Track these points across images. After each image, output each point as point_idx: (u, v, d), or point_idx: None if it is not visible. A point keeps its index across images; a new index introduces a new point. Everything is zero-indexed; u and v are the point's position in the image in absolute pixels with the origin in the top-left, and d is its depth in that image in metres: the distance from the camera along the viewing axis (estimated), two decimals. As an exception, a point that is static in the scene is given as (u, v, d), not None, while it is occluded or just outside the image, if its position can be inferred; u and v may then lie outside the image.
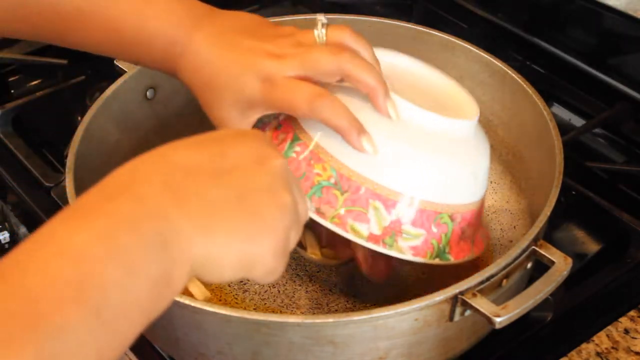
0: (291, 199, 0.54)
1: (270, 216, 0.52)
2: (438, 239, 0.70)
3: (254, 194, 0.52)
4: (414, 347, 0.72)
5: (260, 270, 0.53)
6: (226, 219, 0.50)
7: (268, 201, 0.53)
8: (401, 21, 1.03)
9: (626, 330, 0.83)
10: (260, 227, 0.52)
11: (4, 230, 1.06)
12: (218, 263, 0.50)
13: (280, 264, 0.55)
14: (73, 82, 1.19)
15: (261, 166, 0.54)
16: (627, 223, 0.94)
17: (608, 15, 1.11)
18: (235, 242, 0.51)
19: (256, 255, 0.52)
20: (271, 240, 0.53)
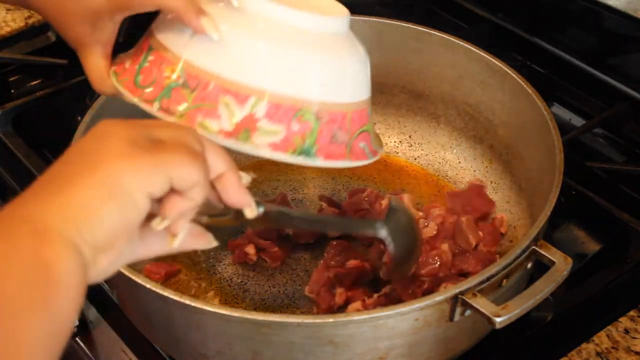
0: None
1: (98, 148, 0.53)
2: (301, 136, 0.67)
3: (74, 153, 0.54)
4: (414, 347, 0.72)
5: (142, 182, 0.51)
6: (59, 175, 0.52)
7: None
8: (401, 21, 1.03)
9: (626, 330, 0.83)
10: (94, 159, 0.52)
11: (4, 230, 1.06)
12: (84, 209, 0.50)
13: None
14: (73, 82, 1.19)
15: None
16: (627, 223, 0.94)
17: (608, 15, 1.11)
18: (79, 183, 0.51)
19: (112, 175, 0.51)
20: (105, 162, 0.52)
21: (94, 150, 0.52)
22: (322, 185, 1.03)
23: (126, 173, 0.51)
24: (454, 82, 1.02)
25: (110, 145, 0.52)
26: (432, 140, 1.06)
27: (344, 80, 0.70)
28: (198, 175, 0.54)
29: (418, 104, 1.06)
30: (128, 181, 0.51)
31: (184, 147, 0.54)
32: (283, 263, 0.93)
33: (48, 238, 0.48)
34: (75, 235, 0.49)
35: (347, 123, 0.70)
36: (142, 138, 0.53)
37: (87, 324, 0.91)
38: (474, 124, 1.02)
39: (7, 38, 1.27)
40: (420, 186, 1.03)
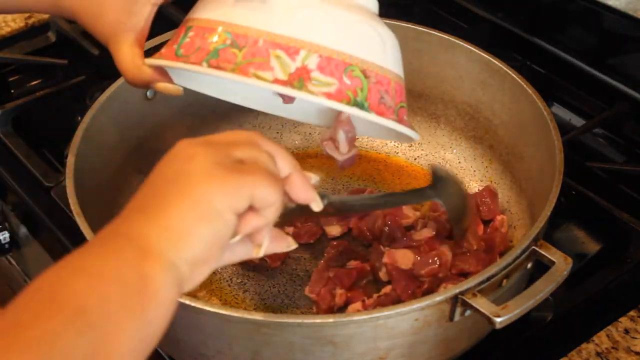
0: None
1: (187, 171, 0.57)
2: (353, 90, 0.69)
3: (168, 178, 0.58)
4: (414, 347, 0.72)
5: (228, 202, 0.55)
6: (153, 199, 0.56)
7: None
8: (401, 21, 1.03)
9: (626, 330, 0.83)
10: (184, 182, 0.56)
11: (4, 230, 1.06)
12: (181, 231, 0.54)
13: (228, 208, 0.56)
14: (73, 82, 1.19)
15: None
16: (627, 223, 0.94)
17: (608, 15, 1.11)
18: (174, 206, 0.55)
19: (203, 198, 0.55)
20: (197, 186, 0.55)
21: (184, 173, 0.56)
22: (322, 185, 1.03)
23: (216, 194, 0.55)
24: (454, 82, 1.02)
25: (198, 168, 0.56)
26: (432, 140, 1.06)
27: (385, 48, 0.73)
28: (275, 196, 0.58)
29: (418, 104, 1.06)
30: (218, 202, 0.55)
31: (263, 169, 0.58)
32: (283, 263, 0.93)
33: (149, 256, 0.53)
34: (174, 255, 0.54)
35: (392, 90, 0.72)
36: (224, 159, 0.57)
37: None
38: (474, 124, 1.02)
39: (7, 38, 1.27)
40: (420, 186, 1.03)
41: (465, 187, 0.86)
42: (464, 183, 0.87)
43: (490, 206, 0.95)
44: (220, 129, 1.06)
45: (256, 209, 0.58)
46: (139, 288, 0.52)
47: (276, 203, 0.58)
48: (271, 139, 0.64)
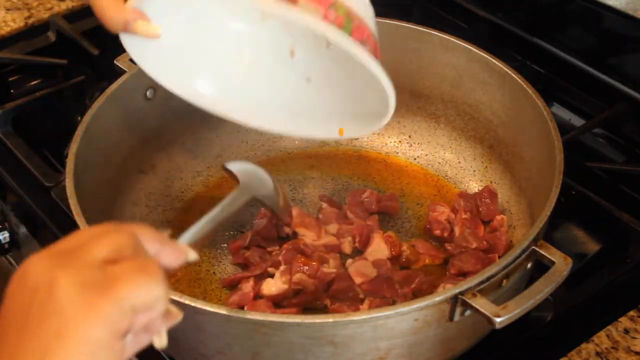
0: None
1: (50, 306, 0.49)
2: (338, 23, 0.70)
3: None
4: (414, 347, 0.72)
5: (113, 327, 0.49)
6: (24, 344, 0.48)
7: None
8: (401, 21, 1.03)
9: (626, 330, 0.83)
10: (52, 321, 0.48)
11: (4, 230, 1.06)
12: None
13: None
14: (73, 82, 1.19)
15: None
16: (627, 223, 0.94)
17: (608, 15, 1.11)
18: (51, 350, 0.47)
19: (86, 334, 0.48)
20: None
21: (50, 308, 0.48)
22: (322, 185, 1.03)
23: (96, 327, 0.48)
24: (454, 82, 1.02)
25: (64, 300, 0.48)
26: (432, 140, 1.06)
27: (368, 10, 0.75)
28: (157, 291, 0.51)
29: (418, 104, 1.06)
30: (101, 334, 0.48)
31: (132, 266, 0.51)
32: (283, 263, 0.93)
33: None
34: None
35: (372, 44, 0.74)
36: (88, 274, 0.49)
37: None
38: (474, 124, 1.02)
39: (7, 38, 1.27)
40: (420, 186, 1.03)
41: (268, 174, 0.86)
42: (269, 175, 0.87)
43: (490, 206, 0.95)
44: (220, 129, 1.06)
45: (143, 311, 0.51)
46: None
47: (161, 296, 0.52)
48: (124, 223, 0.57)
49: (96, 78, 1.18)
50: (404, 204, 1.00)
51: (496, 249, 0.90)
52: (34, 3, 1.33)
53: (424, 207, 0.99)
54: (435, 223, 0.95)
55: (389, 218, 0.98)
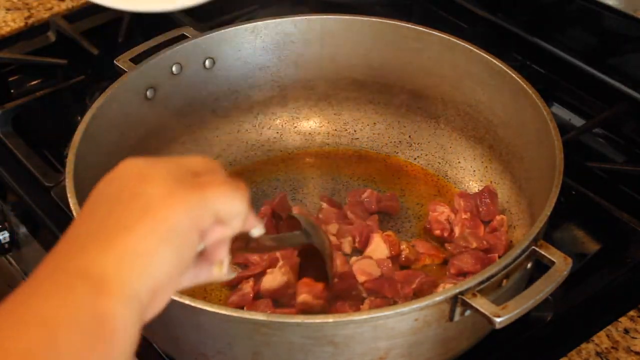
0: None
1: (143, 190, 0.52)
2: None
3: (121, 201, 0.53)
4: (414, 347, 0.72)
5: (191, 220, 0.52)
6: (108, 223, 0.51)
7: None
8: (401, 21, 1.03)
9: (626, 330, 0.83)
10: (142, 202, 0.52)
11: (4, 230, 1.06)
12: (144, 255, 0.50)
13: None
14: (73, 82, 1.19)
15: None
16: (627, 223, 0.94)
17: (608, 15, 1.11)
18: (134, 229, 0.50)
19: (165, 218, 0.51)
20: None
21: (140, 194, 0.52)
22: (322, 185, 1.03)
23: (178, 215, 0.51)
24: (454, 82, 1.02)
25: (155, 187, 0.52)
26: (432, 140, 1.06)
27: None
28: (240, 206, 0.55)
29: (418, 104, 1.06)
30: (181, 222, 0.51)
31: (223, 179, 0.55)
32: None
33: (105, 291, 0.48)
34: (135, 282, 0.49)
35: None
36: (181, 175, 0.53)
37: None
38: (474, 124, 1.02)
39: (7, 38, 1.27)
40: (420, 186, 1.03)
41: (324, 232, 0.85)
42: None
43: (490, 206, 0.95)
44: (220, 129, 1.06)
45: (222, 222, 0.54)
46: (95, 330, 0.47)
47: (242, 212, 0.55)
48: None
49: (96, 78, 1.18)
50: (404, 204, 1.00)
51: (496, 249, 0.90)
52: (34, 3, 1.33)
53: (424, 207, 0.99)
54: (435, 223, 0.95)
55: (389, 218, 0.98)
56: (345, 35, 1.04)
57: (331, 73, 1.07)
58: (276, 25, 1.04)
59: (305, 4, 1.34)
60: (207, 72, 1.02)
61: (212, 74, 1.03)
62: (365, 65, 1.06)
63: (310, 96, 1.09)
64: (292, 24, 1.04)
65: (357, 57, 1.06)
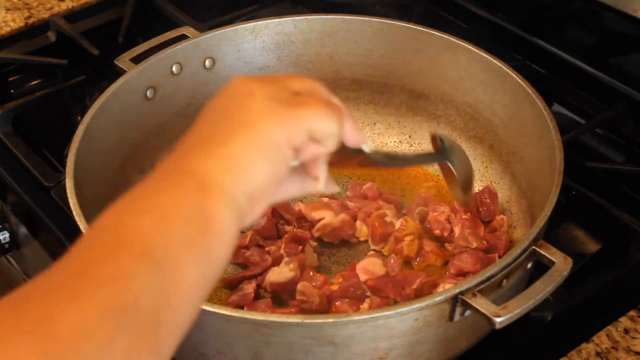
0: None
1: (245, 106, 0.58)
2: None
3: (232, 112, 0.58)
4: (414, 347, 0.72)
5: (286, 135, 0.56)
6: (213, 133, 0.57)
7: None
8: (401, 21, 1.03)
9: (626, 330, 0.83)
10: (243, 117, 0.57)
11: (4, 230, 1.06)
12: (241, 164, 0.55)
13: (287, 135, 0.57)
14: (73, 82, 1.19)
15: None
16: (627, 223, 0.94)
17: (608, 15, 1.11)
18: (234, 140, 0.56)
19: (262, 132, 0.56)
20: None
21: (243, 108, 0.57)
22: (322, 185, 1.03)
23: (275, 129, 0.56)
24: (454, 82, 1.02)
25: (256, 104, 0.57)
26: (432, 140, 1.06)
27: None
28: (334, 127, 0.59)
29: (418, 104, 1.06)
30: (277, 136, 0.56)
31: (320, 100, 0.59)
32: (283, 263, 0.93)
33: (211, 191, 0.53)
34: (234, 187, 0.54)
35: None
36: (282, 93, 0.58)
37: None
38: (474, 124, 1.02)
39: (7, 38, 1.27)
40: (420, 186, 1.03)
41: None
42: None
43: (490, 206, 0.95)
44: (220, 129, 1.06)
45: (316, 140, 0.59)
46: (203, 226, 0.52)
47: (335, 133, 0.59)
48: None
49: (96, 78, 1.18)
50: (404, 203, 1.00)
51: (496, 249, 0.90)
52: (34, 3, 1.33)
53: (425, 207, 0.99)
54: (435, 223, 0.95)
55: (389, 218, 0.98)
56: (345, 35, 1.04)
57: (331, 73, 1.07)
58: (276, 25, 1.04)
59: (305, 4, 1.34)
60: (207, 72, 1.02)
61: (212, 74, 1.03)
62: (365, 65, 1.06)
63: (310, 96, 1.09)
64: (292, 24, 1.04)
65: (357, 57, 1.06)
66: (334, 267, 0.92)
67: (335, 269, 0.92)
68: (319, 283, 0.86)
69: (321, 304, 0.84)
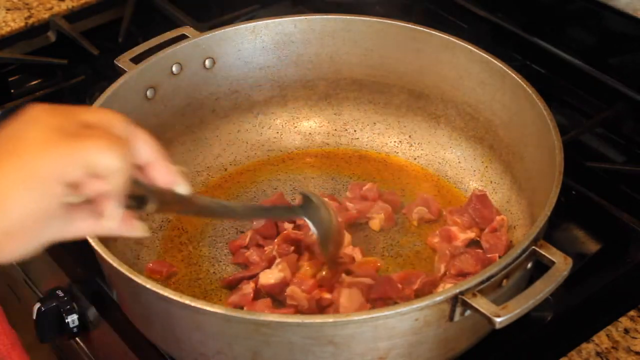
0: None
1: (22, 133, 0.53)
2: None
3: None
4: (414, 347, 0.72)
5: (57, 169, 0.52)
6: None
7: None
8: (401, 21, 1.03)
9: (626, 330, 0.83)
10: (15, 144, 0.53)
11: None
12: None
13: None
14: (73, 82, 1.19)
15: None
16: (627, 223, 0.94)
17: (608, 15, 1.11)
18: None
19: (29, 162, 0.52)
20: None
21: (18, 135, 0.52)
22: (322, 185, 1.03)
23: (43, 161, 0.51)
24: (454, 82, 1.02)
25: (33, 132, 0.52)
26: (432, 140, 1.06)
27: None
28: (114, 162, 0.53)
29: (418, 104, 1.06)
30: (45, 169, 0.51)
31: (105, 134, 0.54)
32: (283, 263, 0.93)
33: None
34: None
35: None
36: (67, 124, 0.53)
37: (87, 324, 0.91)
38: (474, 124, 1.02)
39: (7, 38, 1.27)
40: (420, 186, 1.03)
41: (334, 215, 0.86)
42: (335, 211, 0.87)
43: (483, 212, 0.94)
44: (220, 129, 1.06)
45: (99, 176, 0.53)
46: None
47: (118, 168, 0.53)
48: (133, 124, 0.60)
49: (96, 78, 1.18)
50: (404, 203, 1.00)
51: (496, 249, 0.90)
52: (34, 3, 1.33)
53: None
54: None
55: (389, 217, 0.98)
56: (345, 35, 1.04)
57: (331, 73, 1.07)
58: (276, 25, 1.04)
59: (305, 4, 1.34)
60: (207, 72, 1.03)
61: (212, 74, 1.03)
62: (365, 65, 1.06)
63: (310, 96, 1.09)
64: (292, 24, 1.04)
65: (357, 57, 1.06)
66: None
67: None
68: (308, 287, 0.85)
69: (310, 309, 0.84)
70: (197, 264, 0.93)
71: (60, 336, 0.92)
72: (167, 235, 0.96)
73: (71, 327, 0.90)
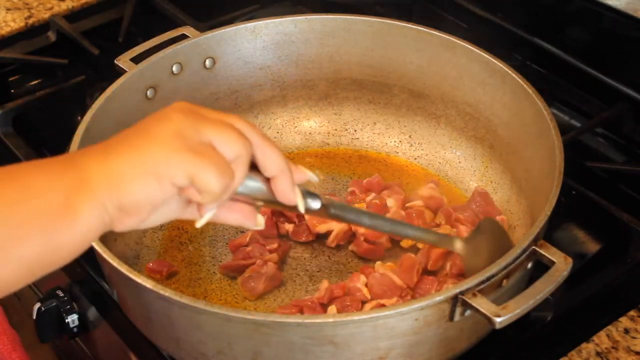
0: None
1: (154, 130, 0.61)
2: None
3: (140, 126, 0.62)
4: (414, 347, 0.72)
5: (169, 171, 0.58)
6: (118, 142, 0.61)
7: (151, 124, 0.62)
8: (401, 21, 1.03)
9: (626, 330, 0.83)
10: (145, 139, 0.60)
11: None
12: (120, 177, 0.58)
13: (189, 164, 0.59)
14: (73, 82, 1.19)
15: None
16: (627, 223, 0.94)
17: (608, 15, 1.11)
18: (126, 154, 0.59)
19: (151, 158, 0.59)
20: (160, 145, 0.59)
21: (149, 131, 0.60)
22: (322, 185, 1.03)
23: (162, 161, 0.58)
24: (454, 82, 1.02)
25: (162, 131, 0.60)
26: (432, 140, 1.06)
27: None
28: (213, 186, 0.60)
29: (418, 104, 1.06)
30: (161, 167, 0.58)
31: (217, 157, 0.60)
32: (283, 262, 0.93)
33: (84, 188, 0.57)
34: (104, 194, 0.57)
35: None
36: (191, 134, 0.60)
37: (87, 324, 0.91)
38: (474, 124, 1.02)
39: (7, 38, 1.27)
40: (420, 186, 1.03)
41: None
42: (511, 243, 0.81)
43: (486, 209, 0.94)
44: (220, 129, 1.06)
45: (199, 191, 0.60)
46: (60, 211, 0.56)
47: (214, 192, 0.60)
48: (270, 138, 0.65)
49: (96, 78, 1.18)
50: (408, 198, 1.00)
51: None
52: (34, 3, 1.33)
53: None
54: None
55: (389, 217, 0.98)
56: (345, 35, 1.05)
57: (331, 73, 1.08)
58: (276, 25, 1.04)
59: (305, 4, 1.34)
60: (207, 72, 1.03)
61: (212, 73, 1.03)
62: (365, 65, 1.06)
63: (310, 96, 1.09)
64: (292, 23, 1.05)
65: (357, 57, 1.06)
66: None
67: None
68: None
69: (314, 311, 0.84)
70: (197, 263, 0.93)
71: (60, 336, 0.92)
72: (167, 235, 0.96)
73: (71, 327, 0.90)
